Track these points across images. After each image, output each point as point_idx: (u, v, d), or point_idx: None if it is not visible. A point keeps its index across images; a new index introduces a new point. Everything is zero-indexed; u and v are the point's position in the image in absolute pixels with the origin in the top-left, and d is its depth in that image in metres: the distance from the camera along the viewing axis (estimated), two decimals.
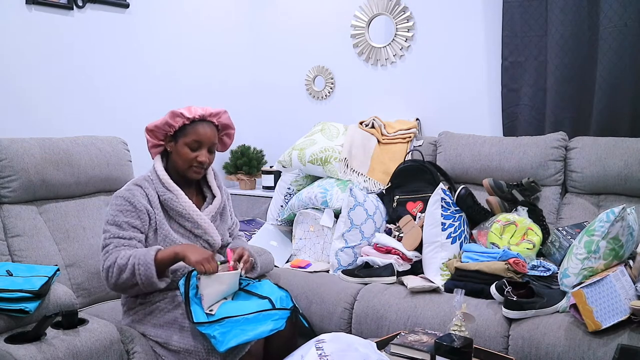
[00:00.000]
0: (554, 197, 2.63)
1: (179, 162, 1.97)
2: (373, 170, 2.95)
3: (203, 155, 1.96)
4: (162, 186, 1.95)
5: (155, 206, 1.93)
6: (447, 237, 2.38)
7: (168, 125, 1.94)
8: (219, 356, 1.75)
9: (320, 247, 2.74)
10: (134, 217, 1.88)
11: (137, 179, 1.97)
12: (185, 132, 1.94)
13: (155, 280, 1.79)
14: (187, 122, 1.94)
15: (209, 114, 1.97)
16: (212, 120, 2.00)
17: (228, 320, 1.74)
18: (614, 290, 1.84)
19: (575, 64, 2.72)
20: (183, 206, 1.95)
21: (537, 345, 1.91)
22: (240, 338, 1.71)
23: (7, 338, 1.63)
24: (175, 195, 1.95)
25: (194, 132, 1.94)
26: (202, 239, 2.01)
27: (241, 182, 3.62)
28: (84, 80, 2.88)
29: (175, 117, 1.93)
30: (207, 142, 1.97)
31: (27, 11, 2.63)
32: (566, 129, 2.75)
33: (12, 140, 2.21)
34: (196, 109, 1.96)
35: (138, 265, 1.77)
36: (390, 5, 3.28)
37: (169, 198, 1.94)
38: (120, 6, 3.01)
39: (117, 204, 1.89)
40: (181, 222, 1.97)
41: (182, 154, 1.95)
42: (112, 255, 1.82)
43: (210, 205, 2.06)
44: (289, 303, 1.89)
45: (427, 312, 2.16)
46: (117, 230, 1.86)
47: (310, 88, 3.65)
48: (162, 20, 3.26)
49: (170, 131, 1.95)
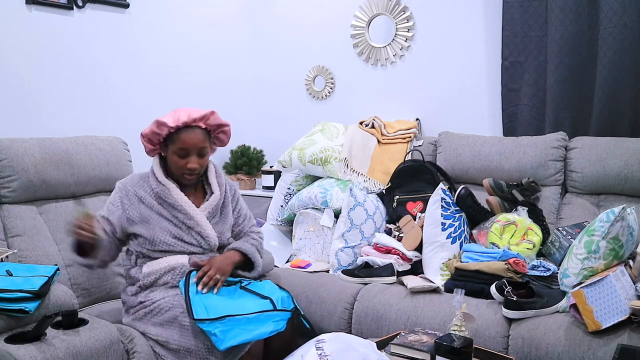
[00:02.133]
0: (554, 197, 2.63)
1: (172, 168, 2.00)
2: (373, 170, 2.95)
3: (192, 161, 1.96)
4: (156, 180, 1.99)
5: (150, 195, 1.99)
6: (447, 237, 2.38)
7: (156, 134, 1.95)
8: (219, 355, 1.76)
9: (320, 247, 2.74)
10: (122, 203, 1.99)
11: (139, 173, 2.09)
12: (173, 140, 1.95)
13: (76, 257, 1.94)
14: (172, 130, 1.93)
15: (192, 119, 1.94)
16: (199, 124, 1.96)
17: (229, 318, 1.75)
18: (614, 290, 1.84)
19: (575, 64, 2.72)
20: (175, 198, 1.97)
21: (537, 345, 1.91)
22: (240, 337, 1.71)
23: (7, 338, 1.63)
24: (168, 188, 1.98)
25: (180, 140, 1.94)
26: (194, 230, 1.99)
27: (241, 182, 3.62)
28: (84, 80, 2.88)
29: (160, 126, 1.93)
30: (195, 149, 1.96)
31: (27, 11, 2.63)
32: (566, 129, 2.75)
33: (12, 140, 2.22)
34: (180, 115, 1.93)
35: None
36: (390, 5, 3.28)
37: (161, 190, 1.98)
38: (120, 6, 3.01)
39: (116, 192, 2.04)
40: (174, 214, 1.98)
41: (173, 162, 1.97)
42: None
43: (207, 202, 2.04)
44: (290, 304, 1.90)
45: (427, 312, 2.16)
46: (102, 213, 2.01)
47: (310, 88, 3.65)
48: (162, 20, 3.25)
49: (160, 139, 1.97)
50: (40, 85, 2.70)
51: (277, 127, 3.80)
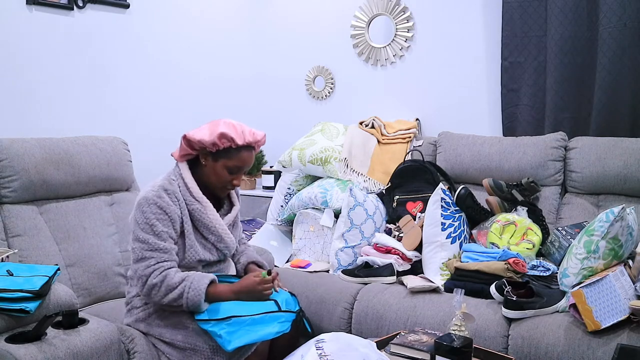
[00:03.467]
0: (553, 197, 2.63)
1: (213, 179, 1.90)
2: (373, 170, 2.95)
3: (239, 178, 1.93)
4: (191, 196, 1.88)
5: (184, 214, 1.87)
6: (447, 237, 2.39)
7: (212, 145, 1.83)
8: (225, 355, 1.77)
9: (320, 247, 2.74)
10: (169, 226, 1.81)
11: (163, 183, 1.86)
12: (229, 156, 1.86)
13: (202, 306, 1.78)
14: (233, 147, 1.86)
15: (256, 141, 1.91)
16: (255, 145, 1.93)
17: (235, 319, 1.75)
18: (613, 290, 1.84)
19: (575, 64, 2.72)
20: (210, 219, 1.90)
21: (537, 345, 1.92)
22: (246, 338, 1.73)
23: (7, 338, 1.63)
24: (204, 207, 1.89)
25: (239, 159, 1.87)
26: (221, 251, 1.98)
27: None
28: (84, 80, 2.88)
29: (223, 139, 1.83)
30: (247, 168, 1.93)
31: (28, 11, 2.64)
32: (566, 129, 2.75)
33: (13, 140, 2.22)
34: (245, 134, 1.87)
35: (189, 290, 1.75)
36: (390, 6, 3.28)
37: (197, 209, 1.88)
38: (121, 6, 3.02)
39: (151, 212, 1.80)
40: (205, 234, 1.92)
41: (220, 175, 1.89)
42: (159, 272, 1.77)
43: (229, 214, 2.03)
44: (295, 306, 1.90)
45: (427, 312, 2.16)
46: (156, 241, 1.78)
47: (310, 88, 3.66)
48: (163, 21, 3.26)
49: (213, 150, 1.85)
50: (40, 85, 2.71)
51: (277, 127, 3.80)
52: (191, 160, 1.94)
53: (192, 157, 1.93)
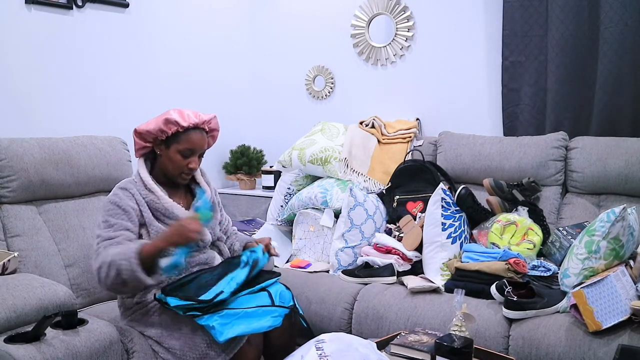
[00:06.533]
0: (554, 197, 2.63)
1: (169, 167, 1.97)
2: (373, 170, 2.94)
3: (194, 162, 1.97)
4: (145, 188, 1.95)
5: (142, 205, 1.93)
6: (447, 237, 2.38)
7: (160, 131, 1.92)
8: (219, 348, 1.77)
9: (320, 247, 2.74)
10: (124, 219, 1.87)
11: (122, 183, 1.97)
12: (178, 140, 1.93)
13: (140, 275, 1.71)
14: (180, 130, 1.92)
15: (202, 121, 1.97)
16: (204, 127, 1.99)
17: (227, 312, 1.77)
18: (614, 290, 1.84)
19: (576, 64, 2.72)
20: (165, 206, 1.95)
21: (538, 345, 1.91)
22: (237, 329, 1.75)
23: (6, 338, 1.63)
24: (158, 196, 1.95)
25: (187, 140, 1.93)
26: None
27: (241, 182, 3.62)
28: (83, 80, 2.88)
29: (169, 124, 1.91)
30: (199, 150, 1.98)
31: (27, 11, 2.63)
32: (566, 129, 2.74)
33: (12, 140, 2.21)
34: (189, 115, 1.94)
35: (120, 260, 1.71)
36: (390, 5, 3.28)
37: (152, 199, 1.94)
38: (120, 6, 3.01)
39: (107, 210, 1.90)
40: (167, 222, 1.95)
41: (174, 160, 1.95)
42: (101, 255, 1.78)
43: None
44: (290, 301, 1.91)
45: (427, 312, 2.15)
46: (108, 232, 1.84)
47: (310, 88, 3.65)
48: (162, 20, 3.25)
49: (162, 137, 1.94)
50: (40, 85, 2.70)
51: (277, 127, 3.80)
52: (152, 154, 2.02)
53: (149, 151, 2.01)
